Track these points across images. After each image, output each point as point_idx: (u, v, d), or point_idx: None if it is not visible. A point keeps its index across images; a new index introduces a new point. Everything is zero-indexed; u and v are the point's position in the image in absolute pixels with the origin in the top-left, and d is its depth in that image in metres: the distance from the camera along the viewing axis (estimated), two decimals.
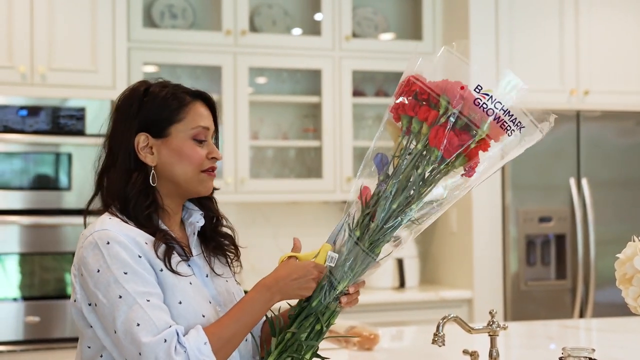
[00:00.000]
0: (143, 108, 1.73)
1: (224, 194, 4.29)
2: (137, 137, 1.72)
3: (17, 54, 3.82)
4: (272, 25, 4.64)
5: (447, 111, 1.61)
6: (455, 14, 4.61)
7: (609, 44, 4.67)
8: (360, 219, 1.68)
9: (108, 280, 1.60)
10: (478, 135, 1.62)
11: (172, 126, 1.73)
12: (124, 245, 1.62)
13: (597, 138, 4.57)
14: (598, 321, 3.70)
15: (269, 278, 1.68)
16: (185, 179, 1.73)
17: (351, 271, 1.67)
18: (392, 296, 4.39)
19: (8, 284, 3.75)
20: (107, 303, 1.59)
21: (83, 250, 1.65)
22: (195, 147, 1.73)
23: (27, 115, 3.76)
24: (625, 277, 1.81)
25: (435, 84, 1.64)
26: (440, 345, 1.98)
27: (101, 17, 3.95)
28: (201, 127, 1.74)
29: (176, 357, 1.55)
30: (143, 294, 1.59)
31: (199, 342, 1.59)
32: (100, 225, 1.66)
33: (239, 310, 1.66)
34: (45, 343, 3.72)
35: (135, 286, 1.59)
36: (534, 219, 4.45)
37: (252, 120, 4.50)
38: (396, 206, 1.65)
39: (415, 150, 1.64)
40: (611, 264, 1.89)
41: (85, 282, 1.64)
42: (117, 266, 1.60)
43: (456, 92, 1.61)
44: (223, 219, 1.86)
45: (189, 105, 1.75)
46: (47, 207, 3.78)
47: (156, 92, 1.74)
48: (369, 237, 1.66)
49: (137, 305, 1.58)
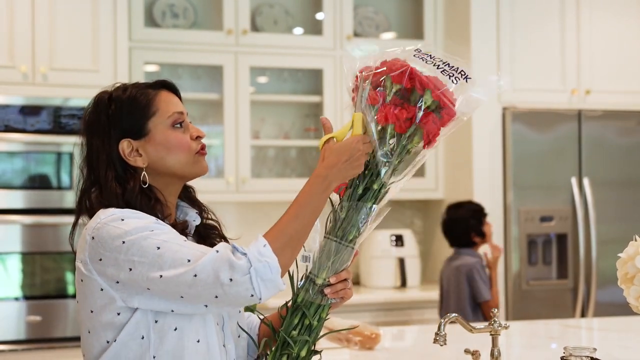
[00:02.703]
0: (113, 116, 1.71)
1: (226, 193, 4.29)
2: (120, 145, 1.70)
3: (19, 54, 3.82)
4: (274, 24, 4.64)
5: (391, 89, 1.67)
6: (456, 13, 4.61)
7: (611, 43, 4.67)
8: (331, 213, 1.70)
9: (139, 242, 1.56)
10: (424, 100, 1.65)
11: (148, 122, 1.71)
12: (139, 215, 1.61)
13: (599, 138, 4.57)
14: (599, 321, 3.70)
15: (320, 169, 1.65)
16: (180, 166, 1.73)
17: (328, 261, 1.67)
18: (393, 296, 4.39)
19: (10, 284, 3.75)
20: (147, 260, 1.55)
21: (97, 235, 1.60)
22: (178, 133, 1.73)
23: (29, 114, 3.77)
24: (627, 276, 1.81)
25: (380, 67, 1.71)
26: (441, 345, 1.98)
27: (102, 16, 3.95)
28: (176, 113, 1.74)
29: (237, 261, 1.51)
30: (178, 238, 1.58)
31: (258, 245, 1.54)
32: (104, 213, 1.63)
33: (297, 206, 1.62)
34: (46, 342, 3.73)
35: (169, 235, 1.57)
36: (535, 218, 4.45)
37: (254, 119, 4.51)
38: (361, 191, 1.68)
39: (376, 134, 1.67)
40: (613, 263, 1.89)
41: (107, 263, 1.58)
42: (141, 229, 1.58)
43: (396, 66, 1.68)
44: (209, 212, 1.85)
45: (156, 96, 1.73)
46: (49, 206, 3.78)
47: (120, 96, 1.73)
48: (339, 227, 1.68)
49: (178, 246, 1.55)
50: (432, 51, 1.73)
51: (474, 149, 4.40)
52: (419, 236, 4.91)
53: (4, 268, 3.74)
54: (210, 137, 4.41)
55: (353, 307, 4.20)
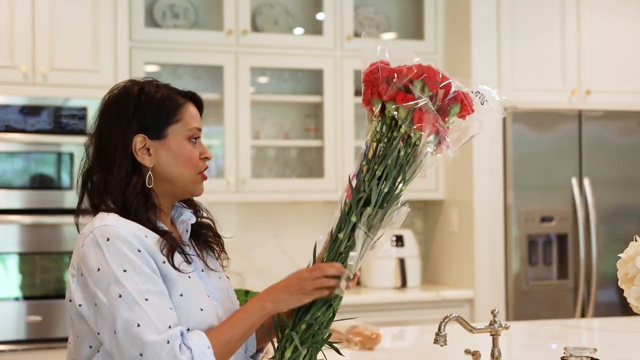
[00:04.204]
0: (140, 109, 1.73)
1: (226, 193, 4.29)
2: (135, 138, 1.71)
3: (19, 54, 3.82)
4: (274, 25, 4.64)
5: (424, 95, 1.68)
6: (456, 14, 4.60)
7: (611, 43, 4.67)
8: (355, 205, 1.70)
9: (108, 279, 1.59)
10: (451, 115, 1.71)
11: (169, 127, 1.73)
12: (124, 240, 1.61)
13: (599, 138, 4.57)
14: (600, 321, 3.70)
15: (265, 291, 1.72)
16: (183, 179, 1.74)
17: (361, 253, 1.69)
18: (393, 296, 4.39)
19: (9, 284, 3.75)
20: (107, 303, 1.58)
21: (84, 248, 1.63)
22: (191, 148, 1.75)
23: (29, 114, 3.77)
24: (627, 276, 1.81)
25: (409, 68, 1.69)
26: (442, 345, 1.98)
27: (103, 16, 3.95)
28: (196, 128, 1.76)
29: (182, 357, 1.56)
30: (143, 293, 1.58)
31: (203, 345, 1.60)
32: (100, 221, 1.65)
33: (237, 315, 1.70)
34: (46, 342, 3.72)
35: (135, 285, 1.58)
36: (535, 218, 4.45)
37: (254, 119, 4.50)
38: (387, 189, 1.69)
39: (398, 133, 1.68)
40: (613, 263, 1.89)
41: (85, 281, 1.62)
42: (117, 264, 1.59)
43: (434, 77, 1.68)
44: (203, 210, 1.87)
45: (184, 106, 1.76)
46: (49, 206, 3.78)
47: (152, 93, 1.74)
48: (366, 220, 1.68)
49: (138, 305, 1.57)
50: None
51: (475, 149, 4.40)
52: (420, 236, 4.91)
53: (4, 268, 3.74)
54: (211, 137, 4.41)
55: (353, 307, 4.20)
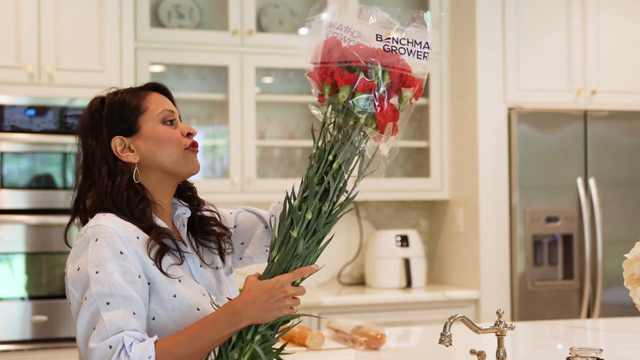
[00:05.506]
0: (107, 117, 1.77)
1: (231, 193, 4.29)
2: (112, 142, 1.75)
3: (25, 54, 3.83)
4: (279, 25, 4.64)
5: (380, 79, 1.63)
6: (462, 13, 4.60)
7: (616, 43, 4.66)
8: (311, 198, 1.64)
9: (83, 279, 1.62)
10: (405, 97, 1.65)
11: (139, 119, 1.76)
12: (110, 240, 1.63)
13: (605, 138, 4.56)
14: (605, 321, 3.69)
15: (237, 300, 1.63)
16: (171, 161, 1.76)
17: None
18: (398, 296, 4.38)
19: (15, 284, 3.76)
20: (77, 302, 1.62)
21: (75, 247, 1.68)
22: (168, 128, 1.77)
23: (35, 115, 3.77)
24: (633, 277, 1.81)
25: (354, 50, 1.68)
26: (447, 345, 1.98)
27: (108, 17, 3.95)
28: (166, 110, 1.79)
29: None
30: (104, 297, 1.59)
31: (143, 355, 1.55)
32: (95, 221, 1.68)
33: (197, 330, 1.61)
34: (52, 342, 3.73)
35: (101, 287, 1.59)
36: (541, 219, 4.45)
37: (259, 120, 4.51)
38: None
39: (351, 119, 1.64)
40: (619, 264, 1.89)
41: (69, 279, 1.66)
42: (92, 264, 1.61)
43: (371, 54, 1.65)
44: (204, 204, 1.89)
45: (147, 97, 1.79)
46: (55, 206, 3.79)
47: (112, 99, 1.79)
48: None
49: (97, 309, 1.58)
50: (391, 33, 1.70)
51: (480, 150, 4.40)
52: (425, 236, 4.91)
53: (10, 268, 3.75)
54: (216, 137, 4.41)
55: (358, 308, 4.21)
